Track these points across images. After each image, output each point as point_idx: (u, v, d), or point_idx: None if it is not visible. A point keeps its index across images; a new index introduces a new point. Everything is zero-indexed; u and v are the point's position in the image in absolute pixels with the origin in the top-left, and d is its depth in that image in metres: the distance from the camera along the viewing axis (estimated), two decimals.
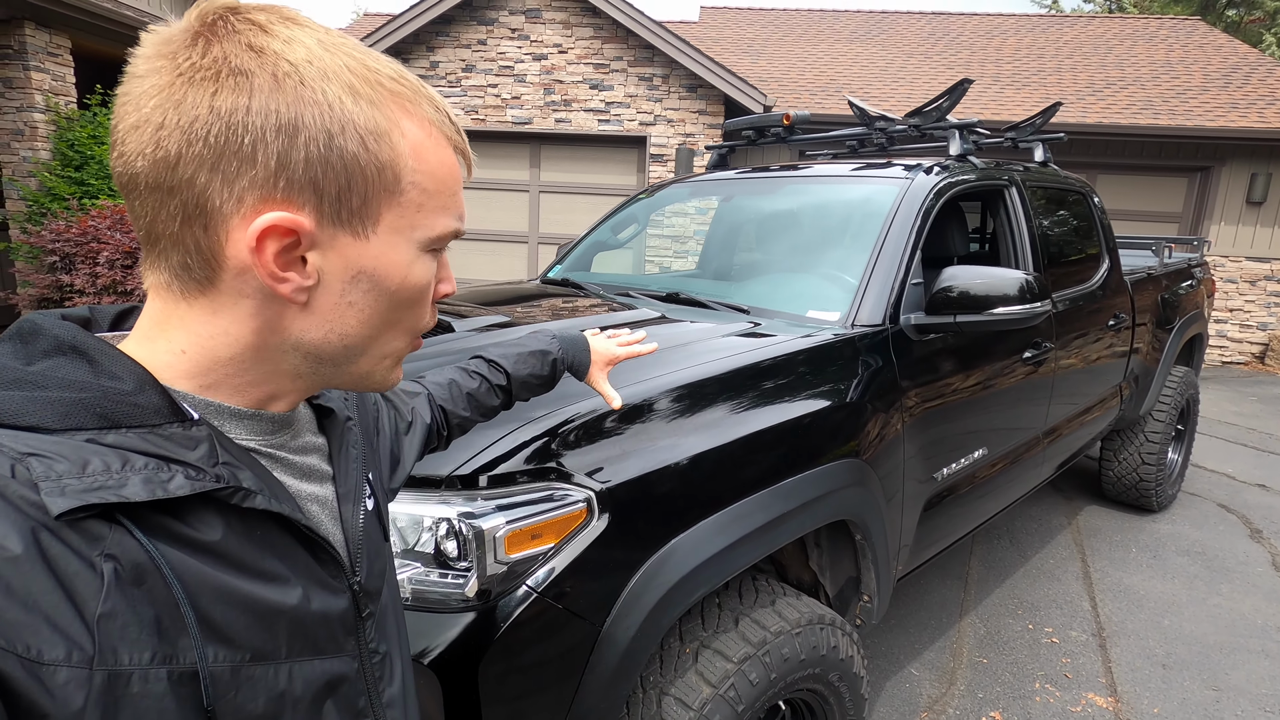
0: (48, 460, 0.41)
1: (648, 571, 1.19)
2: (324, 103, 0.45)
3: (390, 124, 0.48)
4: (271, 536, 0.51)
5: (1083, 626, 2.76)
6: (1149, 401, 3.49)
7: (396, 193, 0.49)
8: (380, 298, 0.51)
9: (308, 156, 0.45)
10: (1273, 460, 4.77)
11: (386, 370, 0.56)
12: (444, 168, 0.51)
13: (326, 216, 0.47)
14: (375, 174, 0.48)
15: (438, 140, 0.51)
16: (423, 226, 0.51)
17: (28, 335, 0.47)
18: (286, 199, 0.46)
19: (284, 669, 0.51)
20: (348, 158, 0.46)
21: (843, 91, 8.70)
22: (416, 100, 0.50)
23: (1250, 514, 3.84)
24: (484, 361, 1.01)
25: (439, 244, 0.53)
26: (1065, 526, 3.63)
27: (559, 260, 2.95)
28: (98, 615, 0.40)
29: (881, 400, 1.72)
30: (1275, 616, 2.85)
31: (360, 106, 0.47)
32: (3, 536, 0.38)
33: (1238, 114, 7.73)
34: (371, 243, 0.49)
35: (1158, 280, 3.52)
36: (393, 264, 0.50)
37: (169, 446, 0.46)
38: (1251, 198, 7.84)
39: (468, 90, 8.22)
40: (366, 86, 0.47)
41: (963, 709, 2.29)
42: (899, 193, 2.12)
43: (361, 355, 0.53)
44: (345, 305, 0.50)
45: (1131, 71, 9.04)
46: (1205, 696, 2.37)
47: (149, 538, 0.43)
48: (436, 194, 0.51)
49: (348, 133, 0.46)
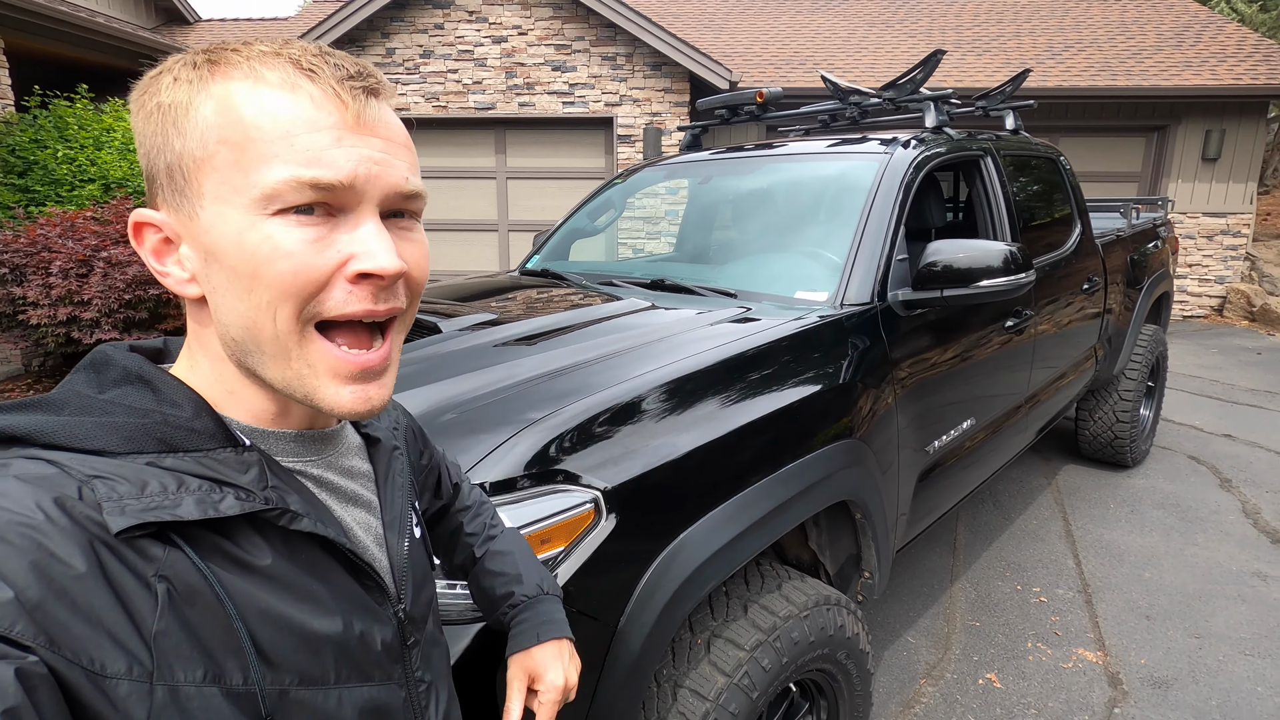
0: (111, 482, 0.44)
1: (659, 568, 1.18)
2: (154, 104, 0.48)
3: (198, 91, 0.47)
4: (317, 561, 0.52)
5: (1068, 584, 2.84)
6: (1122, 361, 3.58)
7: (206, 158, 0.46)
8: (229, 276, 0.47)
9: (146, 153, 0.49)
10: (1236, 410, 4.94)
11: (302, 379, 0.49)
12: (265, 114, 0.46)
13: (170, 205, 0.49)
14: (182, 146, 0.47)
15: (261, 90, 0.46)
16: (245, 186, 0.45)
17: (100, 365, 0.51)
18: (153, 196, 0.50)
19: (333, 694, 0.52)
20: (162, 140, 0.48)
21: (806, 64, 8.67)
22: (241, 55, 0.47)
23: (1219, 464, 3.97)
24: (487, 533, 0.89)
25: (277, 202, 0.46)
26: (1045, 487, 3.72)
27: (536, 250, 2.90)
28: (154, 632, 0.42)
29: (875, 378, 1.73)
30: (1249, 563, 2.96)
31: (176, 89, 0.47)
32: (69, 555, 0.40)
33: (1191, 72, 7.88)
34: (201, 218, 0.47)
35: (1126, 241, 3.59)
36: (223, 235, 0.47)
37: (222, 470, 0.48)
38: (1206, 154, 8.03)
39: (427, 77, 8.01)
40: (189, 69, 0.48)
41: (960, 673, 2.34)
42: (879, 168, 2.11)
43: (259, 353, 0.49)
44: (213, 292, 0.49)
45: (1088, 33, 9.15)
46: (1188, 644, 2.45)
47: (202, 558, 0.45)
48: (254, 143, 0.45)
49: (165, 117, 0.47)
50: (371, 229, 0.48)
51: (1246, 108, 7.89)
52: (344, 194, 0.47)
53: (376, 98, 0.49)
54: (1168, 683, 2.27)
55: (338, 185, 0.46)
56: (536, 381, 1.35)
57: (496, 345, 1.54)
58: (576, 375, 1.39)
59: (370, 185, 0.48)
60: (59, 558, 0.40)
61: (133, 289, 5.03)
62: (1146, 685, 2.26)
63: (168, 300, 5.17)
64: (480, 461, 1.13)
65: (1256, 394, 5.33)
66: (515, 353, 1.51)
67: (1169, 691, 2.23)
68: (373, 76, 0.49)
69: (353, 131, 0.47)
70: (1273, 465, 3.95)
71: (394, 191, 0.50)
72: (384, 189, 0.49)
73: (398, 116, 0.52)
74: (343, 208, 0.48)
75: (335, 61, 0.48)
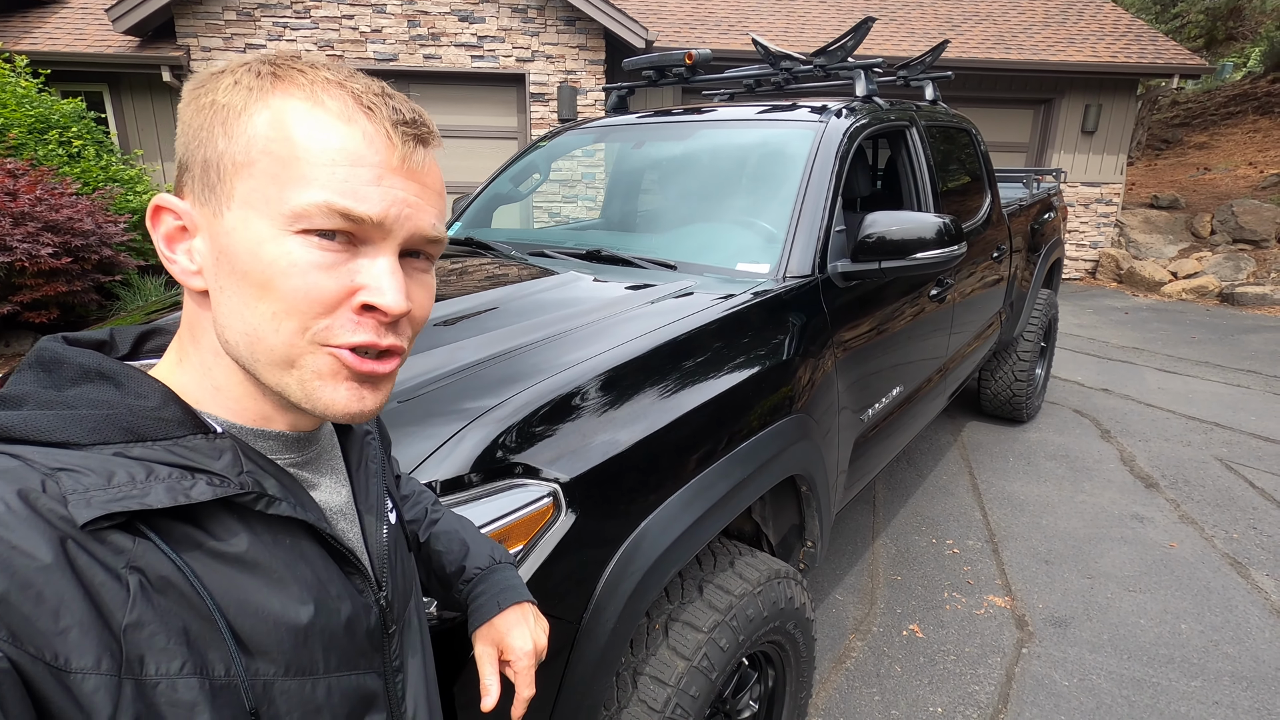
0: (76, 474, 0.43)
1: (621, 558, 1.13)
2: (208, 100, 0.48)
3: (256, 100, 0.48)
4: (299, 547, 0.51)
5: (977, 535, 3.04)
6: (1020, 324, 3.82)
7: (248, 164, 0.47)
8: (241, 283, 0.47)
9: (188, 144, 0.49)
10: (1112, 366, 5.42)
11: (308, 386, 0.49)
12: (316, 138, 0.47)
13: (198, 197, 0.48)
14: (226, 145, 0.47)
15: (319, 114, 0.47)
16: (277, 199, 0.46)
17: (50, 364, 0.49)
18: (180, 185, 0.50)
19: (321, 684, 0.51)
20: (204, 134, 0.48)
21: (722, 25, 8.60)
22: (306, 77, 0.48)
23: (1100, 417, 4.35)
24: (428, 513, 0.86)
25: (303, 222, 0.46)
26: (953, 444, 3.96)
27: (457, 217, 2.73)
28: (125, 625, 0.41)
29: (818, 351, 1.73)
30: (1128, 506, 3.28)
31: (234, 92, 0.48)
32: (33, 547, 0.39)
33: (1074, 49, 8.39)
34: (226, 218, 0.48)
35: (1028, 210, 3.79)
36: (242, 239, 0.47)
37: (193, 457, 0.47)
38: (1085, 127, 8.64)
39: (319, 22, 7.35)
40: (251, 76, 0.48)
41: (885, 626, 2.47)
42: (815, 137, 2.09)
43: (255, 360, 0.49)
44: (218, 291, 0.49)
45: (985, 7, 9.55)
46: (1082, 585, 2.69)
47: (174, 549, 0.44)
48: (298, 162, 0.46)
49: (216, 115, 0.48)
50: (386, 266, 0.49)
51: (1120, 84, 8.52)
52: (371, 229, 0.48)
53: (425, 146, 0.51)
54: (1066, 621, 2.48)
55: (367, 220, 0.47)
56: (480, 367, 1.26)
57: (434, 325, 1.43)
58: (523, 359, 1.30)
59: (398, 226, 0.49)
60: (22, 550, 0.39)
61: None
62: (1049, 625, 2.46)
63: (22, 269, 4.57)
64: (426, 459, 1.03)
65: (1126, 350, 5.87)
66: (453, 333, 1.40)
67: (1068, 629, 2.44)
68: (425, 126, 0.51)
69: (395, 173, 0.49)
70: (1143, 416, 4.36)
71: (419, 235, 0.51)
72: (410, 231, 0.50)
73: (438, 166, 0.54)
74: (365, 240, 0.49)
75: (394, 104, 0.50)
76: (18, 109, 5.55)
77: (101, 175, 5.84)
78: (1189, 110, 14.65)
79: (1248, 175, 10.75)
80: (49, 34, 7.46)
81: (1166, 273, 8.41)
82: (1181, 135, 13.62)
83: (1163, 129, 14.20)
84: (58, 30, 7.55)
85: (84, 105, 6.25)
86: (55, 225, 4.73)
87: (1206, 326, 6.74)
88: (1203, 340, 6.21)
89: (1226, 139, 12.68)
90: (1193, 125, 13.97)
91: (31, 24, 7.65)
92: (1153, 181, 11.55)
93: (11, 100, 5.54)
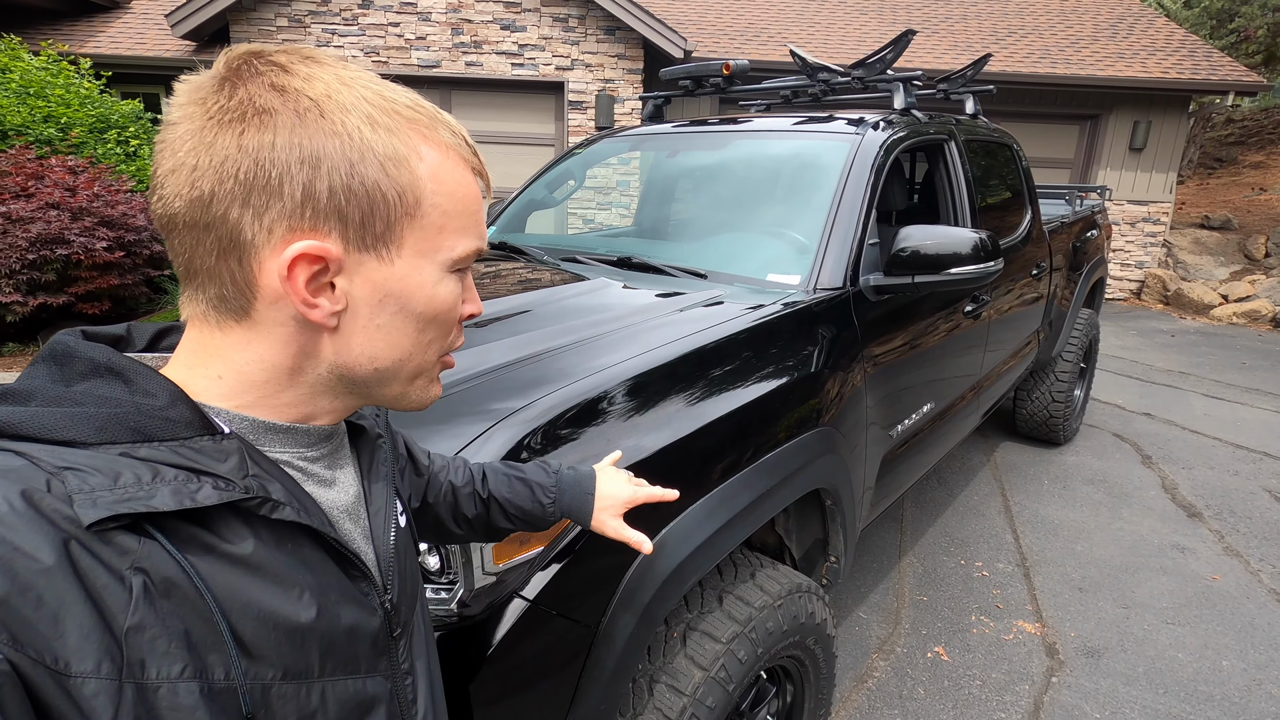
0: (82, 474, 0.42)
1: (640, 566, 1.14)
2: (344, 133, 0.47)
3: (408, 150, 0.49)
4: (303, 551, 0.52)
5: (1008, 558, 2.97)
6: (1060, 343, 3.72)
7: (418, 215, 0.50)
8: (407, 320, 0.52)
9: (331, 185, 0.47)
10: (1155, 390, 5.25)
11: (421, 390, 0.57)
12: (462, 189, 0.52)
13: (352, 242, 0.49)
14: (396, 198, 0.49)
15: (455, 162, 0.52)
16: (445, 248, 0.52)
17: (62, 358, 0.48)
18: (314, 228, 0.48)
19: (317, 688, 0.51)
20: (369, 184, 0.48)
21: (761, 36, 8.60)
22: (434, 126, 0.51)
23: (1140, 442, 4.22)
24: (475, 469, 0.91)
25: (462, 264, 0.54)
26: (985, 464, 3.87)
27: (492, 221, 2.77)
28: (126, 628, 0.41)
29: (847, 364, 1.72)
30: (1169, 535, 3.16)
31: (379, 134, 0.48)
32: (35, 548, 0.39)
33: (1124, 64, 8.19)
34: (396, 266, 0.50)
35: (1070, 228, 3.71)
36: (417, 285, 0.51)
37: (199, 459, 0.47)
38: (1134, 144, 8.41)
39: (366, 30, 7.55)
40: (384, 115, 0.49)
41: (909, 646, 2.42)
42: (851, 149, 2.08)
43: (393, 378, 0.54)
44: (374, 328, 0.51)
45: (1031, 20, 9.38)
46: (1117, 614, 2.60)
47: (180, 550, 0.44)
48: (457, 215, 0.52)
49: (368, 160, 0.48)
50: (470, 280, 0.57)
51: (1171, 101, 8.28)
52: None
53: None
54: (1099, 651, 2.40)
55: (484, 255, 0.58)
56: (509, 369, 1.27)
57: (465, 325, 1.45)
58: (551, 362, 1.32)
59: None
60: (24, 552, 0.39)
61: (37, 248, 4.61)
62: (1080, 654, 2.39)
63: (78, 262, 4.76)
64: None
65: (1171, 374, 5.68)
66: (484, 335, 1.42)
67: (1101, 660, 2.36)
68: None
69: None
70: (1187, 443, 4.22)
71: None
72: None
73: None
74: None
75: (470, 142, 0.54)
76: (80, 109, 5.81)
77: None
78: (1245, 129, 14.16)
79: None
80: (111, 38, 7.80)
81: (1216, 295, 8.13)
82: (1236, 154, 13.16)
83: (1216, 147, 13.75)
84: (120, 35, 7.89)
85: (142, 106, 6.50)
86: (110, 220, 4.93)
87: (1258, 352, 6.49)
88: (1253, 366, 5.98)
89: None
90: (1248, 144, 13.50)
91: (96, 28, 8.01)
92: (1204, 201, 11.18)
93: (75, 100, 5.80)
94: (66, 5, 8.11)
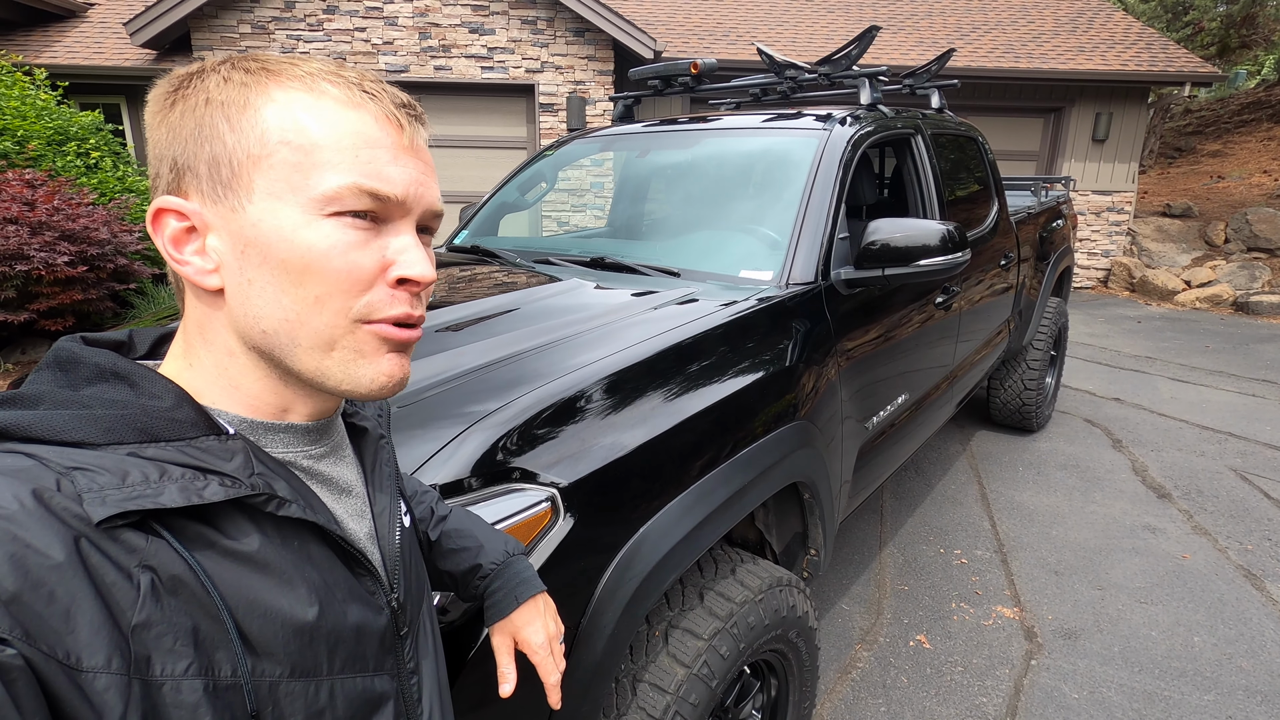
0: (91, 473, 0.43)
1: (620, 564, 1.13)
2: (198, 99, 0.49)
3: (256, 94, 0.49)
4: (309, 549, 0.52)
5: (986, 545, 3.01)
6: (1030, 332, 3.79)
7: (264, 156, 0.48)
8: (274, 271, 0.49)
9: (185, 144, 0.49)
10: (1123, 375, 5.36)
11: (346, 365, 0.51)
12: (331, 125, 0.49)
13: (207, 195, 0.49)
14: (234, 141, 0.48)
15: (323, 101, 0.49)
16: (303, 187, 0.48)
17: (67, 364, 0.49)
18: (178, 188, 0.50)
19: (325, 685, 0.51)
20: (208, 132, 0.48)
21: (730, 35, 8.64)
22: (299, 69, 0.50)
23: (1111, 426, 4.31)
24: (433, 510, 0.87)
25: (335, 205, 0.49)
26: (961, 453, 3.93)
27: (464, 225, 2.75)
28: (133, 625, 0.42)
29: (821, 358, 1.73)
30: (1140, 517, 3.23)
31: (227, 88, 0.49)
32: (46, 545, 0.40)
33: (1084, 57, 8.37)
34: (249, 211, 0.49)
35: (1036, 218, 3.78)
36: (273, 230, 0.48)
37: (205, 458, 0.48)
38: (1096, 136, 8.59)
39: (332, 35, 7.46)
40: (241, 73, 0.49)
41: (892, 636, 2.44)
42: (819, 145, 2.10)
43: (293, 345, 0.50)
44: (246, 284, 0.49)
45: (993, 15, 9.54)
46: (1092, 596, 2.65)
47: (187, 547, 0.45)
48: (319, 149, 0.48)
49: (214, 113, 0.48)
50: (411, 240, 0.52)
51: (1131, 92, 8.48)
52: (394, 207, 0.51)
53: (423, 126, 0.54)
54: (1076, 633, 2.45)
55: (392, 199, 0.50)
56: (483, 371, 1.26)
57: (437, 330, 1.44)
58: (524, 363, 1.31)
59: (416, 203, 0.52)
60: (36, 549, 0.39)
61: None
62: (1058, 637, 2.43)
63: (39, 278, 4.64)
64: (427, 462, 1.04)
65: (1138, 359, 5.81)
66: (457, 339, 1.41)
67: (1078, 641, 2.41)
68: (418, 108, 0.54)
69: (405, 153, 0.51)
70: (1155, 426, 4.31)
71: (430, 210, 0.54)
72: (425, 207, 0.53)
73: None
74: (387, 219, 0.51)
75: (391, 90, 0.53)
76: (37, 121, 5.66)
77: (118, 185, 5.93)
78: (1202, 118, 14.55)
79: (1262, 183, 10.64)
80: (68, 48, 7.60)
81: (1180, 281, 8.34)
82: (1194, 143, 13.52)
83: (1175, 137, 14.11)
84: (76, 44, 7.69)
85: (102, 117, 6.35)
86: (72, 234, 4.80)
87: (1221, 335, 6.66)
88: (1217, 349, 6.14)
89: (1240, 147, 12.57)
90: (1206, 133, 13.87)
91: (51, 38, 7.81)
92: (1165, 190, 11.46)
93: (31, 112, 5.64)
94: (19, 14, 7.90)
